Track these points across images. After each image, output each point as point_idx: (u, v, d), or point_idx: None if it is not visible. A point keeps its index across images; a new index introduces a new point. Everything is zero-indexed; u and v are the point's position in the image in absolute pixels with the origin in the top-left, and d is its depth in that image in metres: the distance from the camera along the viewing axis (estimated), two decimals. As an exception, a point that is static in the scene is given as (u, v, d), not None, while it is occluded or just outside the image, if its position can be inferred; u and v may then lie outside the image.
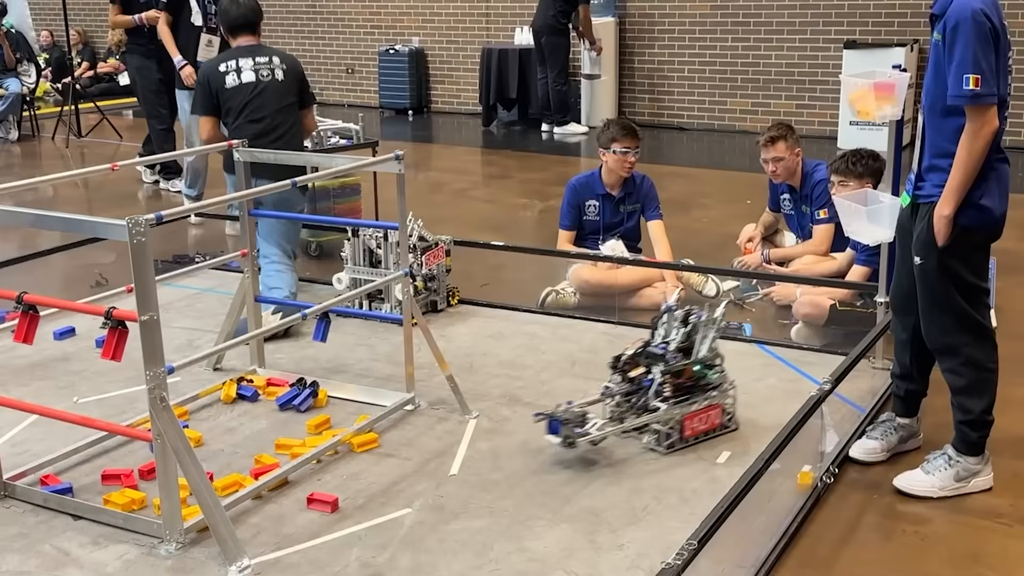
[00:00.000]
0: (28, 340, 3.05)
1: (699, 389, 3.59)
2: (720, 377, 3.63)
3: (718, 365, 3.63)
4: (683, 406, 3.54)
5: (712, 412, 3.60)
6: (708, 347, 3.61)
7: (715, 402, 3.61)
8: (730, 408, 3.67)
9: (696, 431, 3.58)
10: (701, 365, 3.58)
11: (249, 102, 5.04)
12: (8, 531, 3.12)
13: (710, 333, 3.62)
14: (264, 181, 4.68)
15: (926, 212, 3.25)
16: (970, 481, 3.38)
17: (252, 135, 4.90)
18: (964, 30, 3.05)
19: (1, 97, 10.96)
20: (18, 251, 5.77)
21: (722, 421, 3.64)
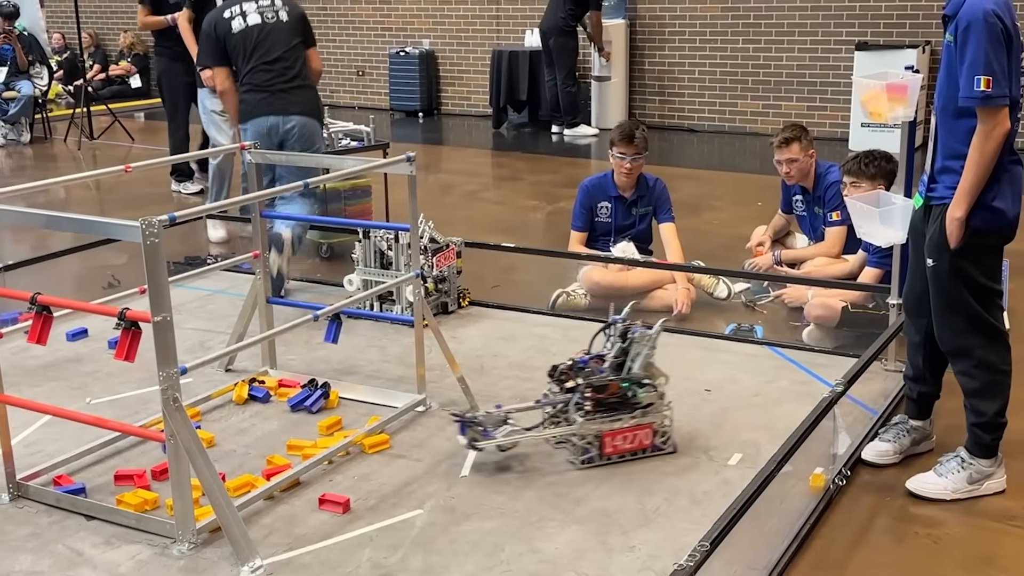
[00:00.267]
0: (42, 341, 3.06)
1: (626, 407, 3.47)
2: (652, 397, 3.48)
3: (651, 384, 3.49)
4: (604, 422, 3.45)
5: (640, 432, 3.48)
6: (640, 364, 3.49)
7: (644, 422, 3.49)
8: (665, 429, 3.53)
9: (618, 449, 3.47)
10: (630, 382, 3.46)
11: (259, 44, 5.09)
12: (21, 531, 3.13)
13: (643, 350, 3.50)
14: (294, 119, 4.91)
15: (938, 214, 3.24)
16: (983, 484, 3.37)
17: (267, 80, 5.01)
18: (976, 31, 3.04)
19: (13, 99, 11.02)
20: (31, 252, 5.80)
21: (654, 442, 3.51)
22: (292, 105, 5.10)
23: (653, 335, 3.52)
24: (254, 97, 5.19)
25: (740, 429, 3.74)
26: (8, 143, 10.99)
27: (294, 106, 5.09)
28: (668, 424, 3.54)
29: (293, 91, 5.21)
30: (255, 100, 5.18)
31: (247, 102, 5.22)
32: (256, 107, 5.17)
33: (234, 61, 5.17)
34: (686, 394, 4.05)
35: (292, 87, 5.20)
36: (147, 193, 8.22)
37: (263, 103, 5.14)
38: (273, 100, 5.16)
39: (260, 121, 5.18)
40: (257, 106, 5.16)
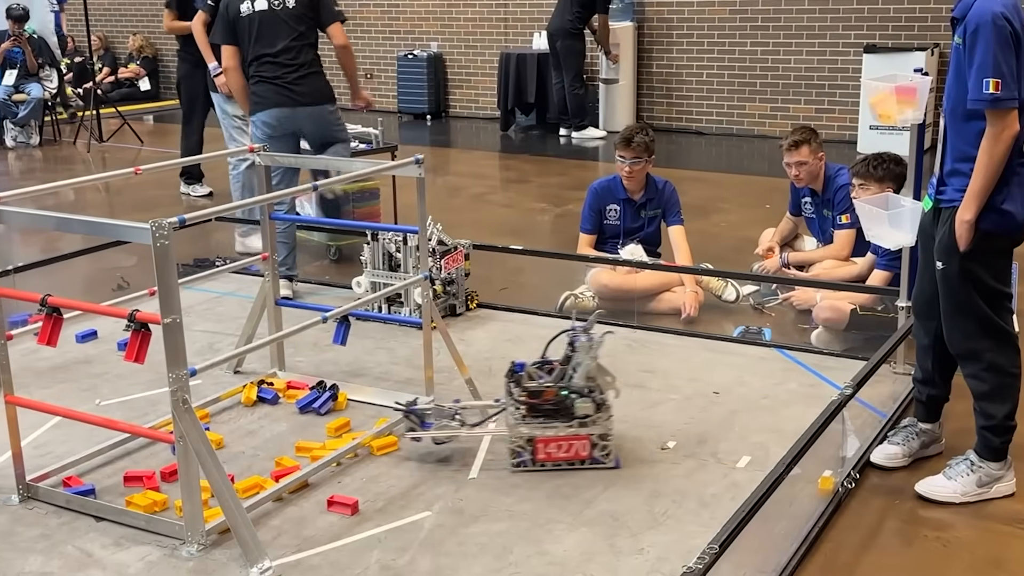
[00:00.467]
0: (52, 342, 3.07)
1: (562, 415, 3.44)
2: (587, 408, 3.42)
3: (592, 396, 3.44)
4: (536, 427, 3.43)
5: (577, 442, 3.43)
6: (582, 374, 3.44)
7: (581, 433, 3.43)
8: (604, 443, 3.45)
9: (552, 457, 3.44)
10: (568, 391, 3.43)
11: (262, 33, 5.15)
12: (31, 532, 3.14)
13: (584, 360, 3.45)
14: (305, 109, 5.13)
15: (948, 217, 3.24)
16: (992, 487, 3.36)
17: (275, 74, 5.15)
18: (984, 34, 3.03)
19: (23, 102, 11.06)
20: (41, 255, 5.82)
21: (591, 455, 3.45)
22: (302, 96, 5.20)
23: (595, 345, 3.46)
24: (264, 89, 5.26)
25: (749, 431, 3.74)
26: (18, 145, 11.03)
27: (304, 97, 5.20)
28: (610, 437, 3.45)
29: (301, 81, 5.26)
30: (265, 92, 5.25)
31: (258, 94, 5.29)
32: (267, 99, 5.24)
33: (241, 43, 5.26)
34: (694, 396, 4.06)
35: (299, 77, 5.25)
36: (157, 195, 8.24)
37: (274, 95, 5.23)
38: (283, 91, 5.23)
39: (273, 112, 5.25)
40: (268, 98, 5.23)
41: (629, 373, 4.31)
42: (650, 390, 4.14)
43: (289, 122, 5.32)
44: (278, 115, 5.28)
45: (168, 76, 14.81)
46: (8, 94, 11.05)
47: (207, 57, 6.45)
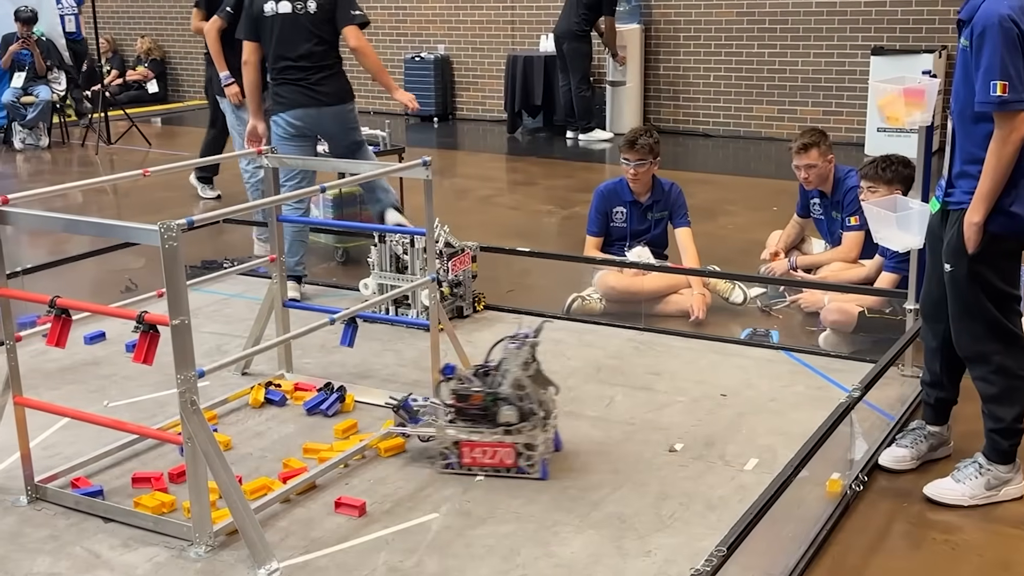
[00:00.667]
0: (61, 344, 3.08)
1: (488, 421, 3.40)
2: (512, 416, 3.36)
3: (520, 404, 3.37)
4: (463, 431, 3.41)
5: (501, 450, 3.39)
6: (509, 382, 3.38)
7: (505, 440, 3.38)
8: (530, 453, 3.39)
9: (477, 462, 3.41)
10: (493, 397, 3.38)
11: (283, 37, 5.23)
12: (39, 533, 3.15)
13: (512, 368, 3.40)
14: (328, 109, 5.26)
15: (956, 219, 3.23)
16: (1001, 490, 3.35)
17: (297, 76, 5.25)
18: (991, 36, 3.03)
19: (31, 104, 11.09)
20: (49, 256, 5.84)
21: (517, 463, 3.40)
22: (326, 96, 5.32)
23: (524, 353, 3.42)
24: (288, 90, 5.34)
25: (756, 434, 3.73)
26: (26, 147, 11.06)
27: (328, 97, 5.31)
28: (537, 448, 3.39)
29: (324, 82, 5.35)
30: (289, 92, 5.34)
31: (281, 94, 5.37)
32: (291, 99, 5.32)
33: (263, 42, 5.33)
34: (702, 399, 4.06)
35: (322, 77, 5.34)
36: (165, 197, 8.25)
37: (299, 95, 5.32)
38: (307, 92, 5.32)
39: (297, 112, 5.33)
40: (293, 98, 5.32)
41: (636, 375, 4.33)
42: (657, 392, 4.13)
43: (312, 122, 5.37)
44: (302, 115, 5.33)
45: (176, 79, 14.86)
46: (17, 96, 11.08)
47: (219, 66, 6.40)
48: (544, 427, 3.42)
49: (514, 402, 3.38)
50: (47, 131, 11.26)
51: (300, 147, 5.35)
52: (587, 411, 3.96)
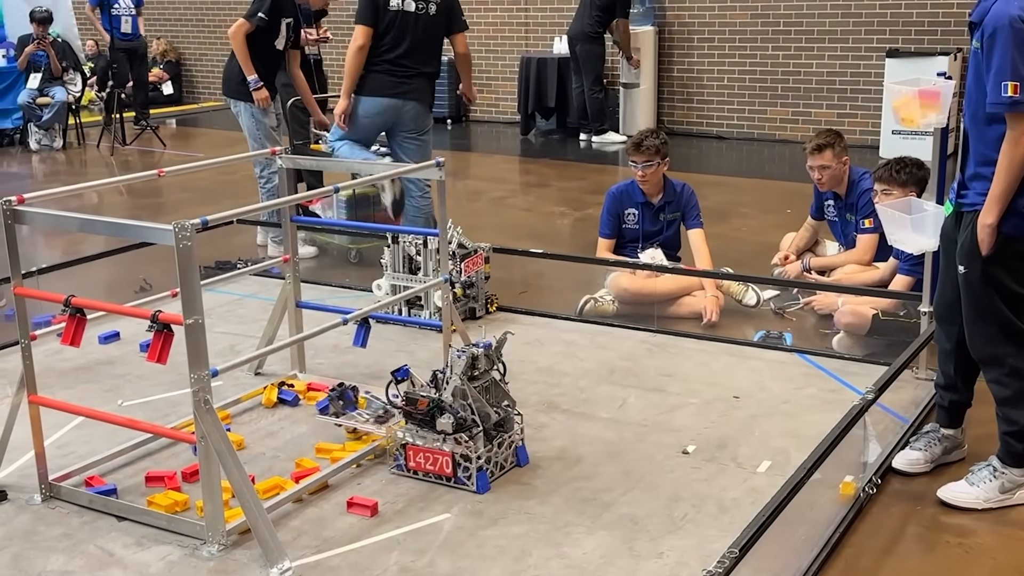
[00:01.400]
0: (75, 343, 3.10)
1: (430, 427, 3.35)
2: (447, 425, 3.29)
3: (458, 414, 3.30)
4: (409, 434, 3.38)
5: (441, 457, 3.33)
6: (450, 392, 3.34)
7: (444, 449, 3.34)
8: (467, 465, 3.32)
9: (421, 467, 3.37)
10: (435, 404, 3.33)
11: (403, 34, 5.50)
12: (53, 531, 3.16)
13: (453, 378, 3.36)
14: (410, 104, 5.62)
15: (970, 221, 3.22)
16: (1015, 493, 3.33)
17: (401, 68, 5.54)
18: (1002, 37, 3.02)
19: (47, 105, 11.15)
20: (63, 257, 5.86)
21: (455, 473, 3.33)
22: (412, 92, 5.64)
23: (462, 364, 3.36)
24: (382, 78, 5.61)
25: (769, 436, 3.73)
26: (41, 148, 11.12)
27: (413, 93, 5.64)
28: (473, 461, 3.31)
29: (415, 78, 5.66)
30: (382, 80, 5.61)
31: (374, 80, 5.62)
32: (381, 86, 5.61)
33: (377, 30, 5.55)
34: (714, 401, 4.05)
35: (417, 74, 5.65)
36: (180, 199, 8.29)
37: (389, 85, 5.61)
38: (399, 84, 5.62)
39: (381, 100, 5.61)
40: (382, 86, 5.61)
41: (649, 377, 4.32)
42: (670, 394, 4.13)
43: (392, 112, 5.67)
44: (385, 103, 5.61)
45: (191, 80, 14.91)
46: (32, 97, 11.15)
47: (247, 69, 6.40)
48: (490, 441, 3.35)
49: (453, 411, 3.31)
50: (62, 132, 11.32)
51: (365, 134, 5.67)
52: (600, 412, 3.95)
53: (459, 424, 3.31)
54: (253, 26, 6.30)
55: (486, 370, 3.45)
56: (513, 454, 3.48)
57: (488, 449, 3.35)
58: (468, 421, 3.32)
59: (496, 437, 3.39)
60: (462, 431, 3.32)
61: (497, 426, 3.39)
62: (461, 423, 3.31)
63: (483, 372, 3.44)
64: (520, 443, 3.51)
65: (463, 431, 3.32)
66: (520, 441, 3.51)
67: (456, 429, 3.31)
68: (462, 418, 3.32)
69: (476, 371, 3.42)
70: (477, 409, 3.34)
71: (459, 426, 3.31)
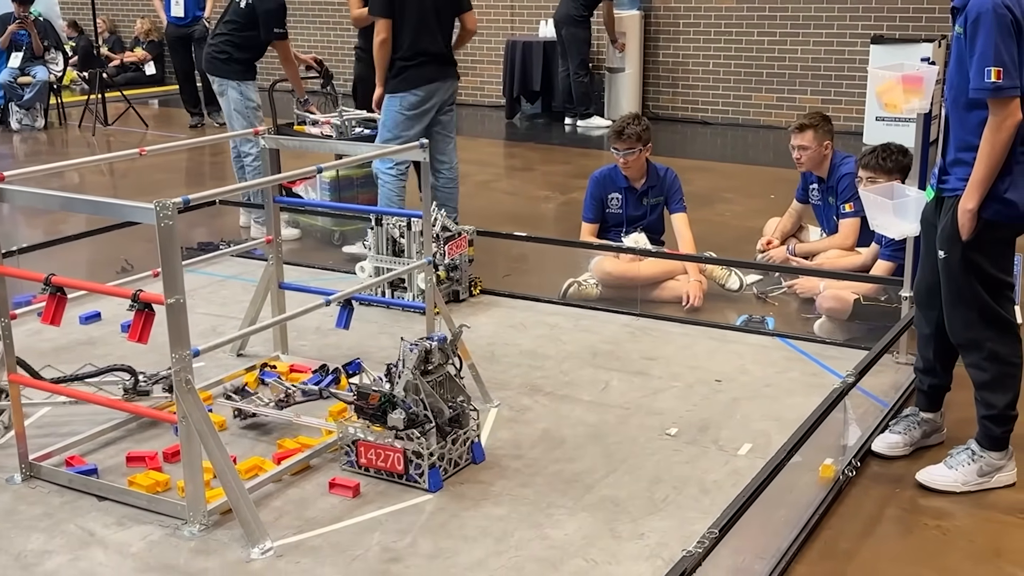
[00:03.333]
0: (56, 322, 3.08)
1: (381, 422, 3.26)
2: (398, 421, 3.20)
3: (411, 410, 3.22)
4: (360, 430, 3.31)
5: (392, 454, 3.24)
6: (401, 386, 3.25)
7: (396, 445, 3.24)
8: (419, 462, 3.23)
9: (371, 463, 3.29)
10: (387, 399, 3.24)
11: (426, 17, 5.56)
12: (33, 511, 3.16)
13: (405, 372, 3.27)
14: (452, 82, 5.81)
15: (950, 206, 3.23)
16: (993, 476, 3.36)
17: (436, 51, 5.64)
18: (985, 23, 3.02)
19: (28, 85, 11.06)
20: (44, 237, 5.82)
21: (407, 471, 3.24)
22: (453, 70, 5.83)
23: (414, 357, 3.27)
24: (427, 67, 5.68)
25: (750, 419, 3.74)
26: (23, 128, 11.03)
27: (453, 71, 5.83)
28: (429, 459, 3.23)
29: (451, 58, 5.82)
30: (429, 69, 5.69)
31: (421, 70, 5.66)
32: (428, 74, 5.68)
33: (398, 18, 5.57)
34: (697, 384, 4.07)
35: (450, 53, 5.81)
36: (161, 179, 8.24)
37: (434, 71, 5.70)
38: (442, 68, 5.75)
39: (431, 87, 5.69)
40: (431, 73, 5.69)
41: (631, 360, 4.33)
42: (652, 377, 4.14)
43: (440, 93, 5.76)
44: (435, 88, 5.70)
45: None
46: (14, 77, 11.05)
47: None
48: (443, 437, 3.27)
49: (404, 406, 3.23)
50: (43, 112, 11.23)
51: (423, 123, 5.70)
52: (582, 395, 3.97)
53: (411, 420, 3.22)
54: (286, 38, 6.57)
55: (440, 364, 3.34)
56: (468, 450, 3.40)
57: (441, 446, 3.27)
58: (420, 417, 3.24)
59: (450, 433, 3.31)
60: (413, 427, 3.22)
61: (451, 422, 3.31)
62: (413, 419, 3.22)
63: (437, 366, 3.32)
64: (476, 439, 3.43)
65: (415, 427, 3.22)
66: (476, 437, 3.43)
67: (408, 425, 3.21)
68: (414, 413, 3.22)
69: (430, 365, 3.30)
70: (430, 404, 3.24)
71: (411, 422, 3.22)
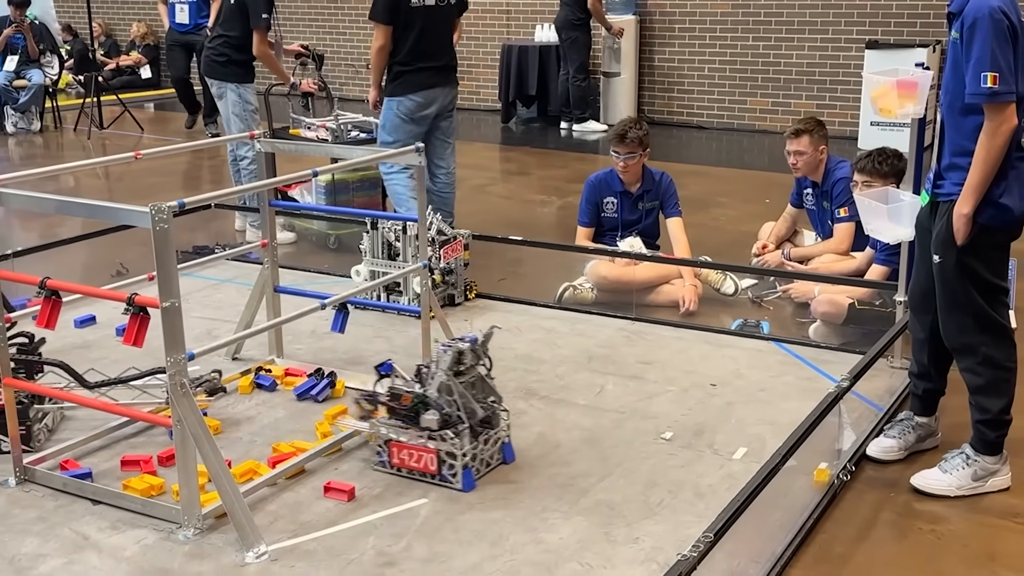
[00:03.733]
0: (50, 325, 3.08)
1: (415, 423, 3.31)
2: (432, 422, 3.25)
3: (444, 411, 3.26)
4: (393, 430, 3.34)
5: (426, 455, 3.28)
6: (435, 387, 3.29)
7: (429, 446, 3.29)
8: (452, 462, 3.26)
9: (405, 464, 3.32)
10: (419, 400, 3.29)
11: (427, 27, 5.60)
12: (27, 515, 3.15)
13: (439, 373, 3.30)
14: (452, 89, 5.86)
15: (946, 210, 3.24)
16: (987, 481, 3.37)
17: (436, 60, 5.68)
18: (981, 28, 3.04)
19: (24, 88, 11.04)
20: (39, 240, 5.82)
21: (440, 471, 3.27)
22: (452, 76, 5.89)
23: (449, 357, 3.30)
24: (426, 73, 5.73)
25: (745, 423, 3.75)
26: (18, 131, 11.01)
27: (453, 77, 5.89)
28: (459, 459, 3.25)
29: (452, 65, 5.89)
30: (428, 75, 5.74)
31: (420, 76, 5.71)
32: (426, 79, 5.73)
33: (399, 26, 5.61)
34: (692, 388, 4.07)
35: (452, 59, 5.87)
36: (157, 183, 8.24)
37: (435, 77, 5.76)
38: (441, 74, 5.80)
39: (430, 93, 5.75)
40: (430, 79, 5.74)
41: (627, 364, 4.33)
42: (647, 381, 4.14)
43: (440, 99, 5.80)
44: (434, 95, 5.74)
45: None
46: (9, 80, 11.04)
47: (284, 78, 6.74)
48: (477, 437, 3.31)
49: (439, 407, 3.26)
50: (39, 115, 11.22)
51: (421, 127, 5.74)
52: (577, 399, 3.97)
53: (444, 420, 3.27)
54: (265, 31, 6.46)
55: (472, 365, 3.38)
56: (499, 451, 3.43)
57: (474, 446, 3.31)
58: (454, 417, 3.28)
59: (482, 434, 3.35)
60: (447, 428, 3.27)
61: (483, 422, 3.35)
62: (446, 419, 3.27)
63: (469, 367, 3.37)
64: (506, 440, 3.46)
65: (448, 427, 3.27)
66: (506, 438, 3.46)
67: (442, 426, 3.26)
68: (447, 414, 3.28)
69: (462, 366, 3.35)
70: (463, 405, 3.29)
71: (444, 422, 3.27)
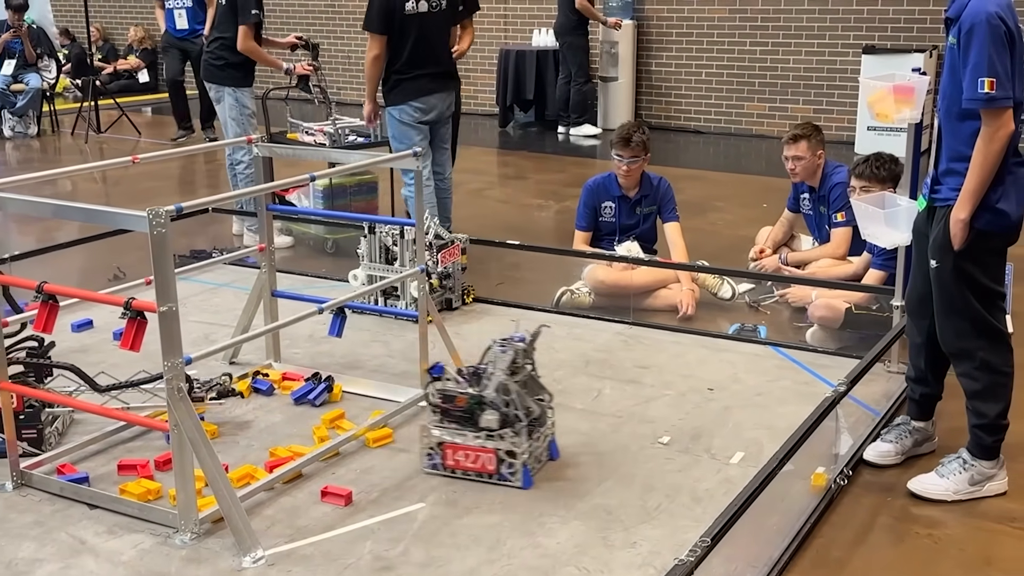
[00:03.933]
0: (48, 329, 3.07)
1: (471, 424, 3.32)
2: (492, 422, 3.26)
3: (503, 411, 3.27)
4: (447, 433, 3.34)
5: (483, 455, 3.30)
6: (493, 386, 3.29)
7: (488, 446, 3.29)
8: (512, 460, 3.29)
9: (460, 465, 3.33)
10: (478, 401, 3.30)
11: (423, 34, 5.57)
12: (24, 519, 3.15)
13: (498, 373, 3.32)
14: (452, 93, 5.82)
15: (942, 215, 3.25)
16: (984, 485, 3.37)
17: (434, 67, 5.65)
18: (979, 33, 3.04)
19: (21, 92, 11.04)
20: (36, 244, 5.81)
21: (498, 470, 3.30)
22: (453, 81, 5.87)
23: (508, 357, 3.33)
24: (424, 80, 5.69)
25: (742, 428, 3.75)
26: (15, 135, 11.01)
27: (453, 82, 5.87)
28: (522, 457, 3.28)
29: (453, 69, 5.88)
30: (425, 81, 5.70)
31: (417, 83, 5.68)
32: (427, 87, 5.70)
33: (394, 35, 5.58)
34: (689, 392, 4.07)
35: (450, 65, 5.85)
36: (154, 187, 8.24)
37: (433, 83, 5.72)
38: (440, 80, 5.76)
39: (430, 99, 5.70)
40: (428, 85, 5.70)
41: (624, 368, 4.34)
42: (645, 386, 4.15)
43: (441, 103, 5.77)
44: (435, 100, 5.71)
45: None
46: (6, 84, 11.03)
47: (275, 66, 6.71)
48: (531, 435, 3.33)
49: (496, 407, 3.29)
50: (36, 119, 11.21)
51: (424, 132, 5.72)
52: (575, 403, 3.97)
53: (503, 420, 3.28)
54: (253, 26, 6.42)
55: (523, 364, 3.40)
56: (547, 448, 3.45)
57: (530, 444, 3.33)
58: (511, 417, 3.29)
59: (535, 431, 3.36)
60: (507, 427, 3.28)
61: (535, 420, 3.37)
62: (504, 419, 3.28)
63: (521, 367, 3.39)
64: (551, 437, 3.48)
65: (507, 427, 3.28)
66: (552, 434, 3.48)
67: (501, 425, 3.27)
68: (505, 414, 3.28)
69: (515, 366, 3.38)
70: (520, 404, 3.31)
71: (503, 422, 3.28)
